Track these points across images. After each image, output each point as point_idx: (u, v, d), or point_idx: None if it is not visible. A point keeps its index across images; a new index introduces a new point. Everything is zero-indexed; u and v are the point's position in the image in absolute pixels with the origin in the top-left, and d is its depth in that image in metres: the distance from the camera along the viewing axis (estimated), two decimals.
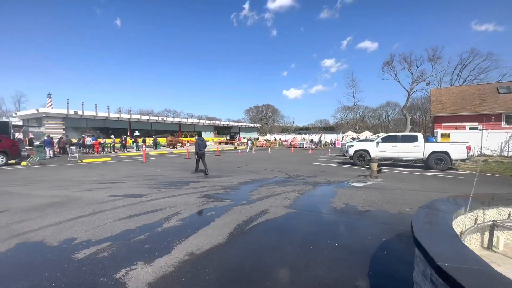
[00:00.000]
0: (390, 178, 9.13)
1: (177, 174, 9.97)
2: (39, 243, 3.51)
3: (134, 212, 4.85)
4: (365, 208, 5.13)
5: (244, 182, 8.23)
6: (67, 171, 11.03)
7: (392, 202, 5.62)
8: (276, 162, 15.07)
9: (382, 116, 77.77)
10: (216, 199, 5.88)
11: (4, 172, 10.69)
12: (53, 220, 4.42)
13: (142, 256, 3.14)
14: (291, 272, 2.84)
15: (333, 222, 4.34)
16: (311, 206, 5.33)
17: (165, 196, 6.14)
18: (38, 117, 26.22)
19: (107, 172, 10.71)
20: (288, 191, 6.72)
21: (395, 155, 11.92)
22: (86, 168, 11.96)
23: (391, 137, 12.39)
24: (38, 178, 9.05)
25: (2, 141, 12.97)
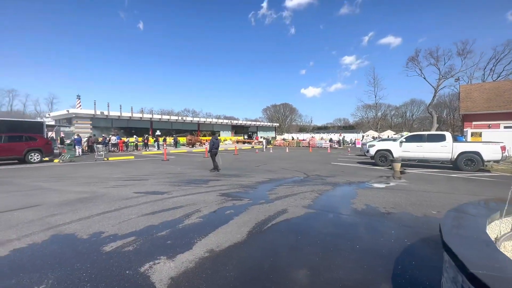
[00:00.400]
0: (415, 179, 8.72)
1: (196, 173, 10.19)
2: (70, 236, 3.75)
3: (156, 208, 5.03)
4: (387, 210, 4.95)
5: (262, 181, 8.25)
6: (94, 168, 11.66)
7: (417, 204, 5.37)
8: (294, 162, 14.93)
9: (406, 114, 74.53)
10: (234, 197, 5.94)
11: (39, 168, 11.52)
12: (82, 214, 4.70)
13: (164, 251, 3.26)
14: (311, 273, 2.80)
15: (354, 224, 4.23)
16: (330, 207, 5.23)
17: (185, 193, 6.30)
18: (69, 117, 27.98)
19: (130, 169, 11.18)
20: (307, 191, 6.64)
21: (420, 155, 11.37)
22: (112, 166, 12.58)
23: (416, 136, 11.82)
24: (68, 174, 9.66)
25: (37, 140, 13.99)
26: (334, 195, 6.33)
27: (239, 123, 49.58)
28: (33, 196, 6.12)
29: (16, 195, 6.20)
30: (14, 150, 13.07)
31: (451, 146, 10.74)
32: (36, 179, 8.50)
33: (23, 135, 13.77)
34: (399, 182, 8.20)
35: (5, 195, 6.15)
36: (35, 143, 13.80)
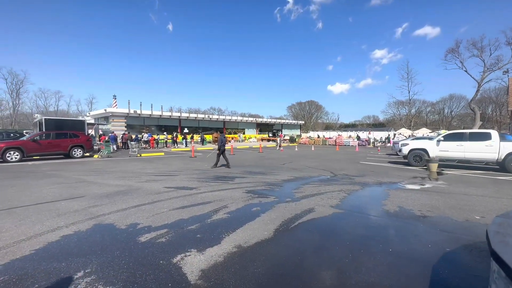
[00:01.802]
0: (454, 180, 8.09)
1: (223, 169, 10.43)
2: (110, 226, 4.06)
3: (186, 203, 5.24)
4: (423, 213, 4.65)
5: (287, 179, 8.22)
6: (129, 163, 12.45)
7: (457, 208, 4.97)
8: (320, 160, 14.62)
9: (444, 111, 69.16)
10: (260, 195, 5.99)
11: (81, 163, 12.59)
12: (120, 206, 5.06)
13: (194, 244, 3.39)
14: (340, 274, 2.74)
15: (386, 226, 4.04)
16: (360, 208, 5.05)
17: (213, 190, 6.49)
18: (106, 116, 30.16)
19: (161, 165, 11.76)
20: (334, 191, 6.49)
21: (461, 156, 10.49)
22: (144, 162, 13.33)
23: (456, 135, 10.92)
24: (106, 169, 10.43)
25: (80, 137, 15.30)
26: (364, 196, 6.10)
27: (264, 121, 49.67)
28: (77, 188, 6.71)
29: (63, 187, 6.85)
30: (60, 146, 14.45)
31: (497, 145, 9.76)
32: (79, 173, 9.31)
33: (68, 132, 15.15)
34: (435, 183, 7.66)
35: (53, 187, 6.82)
36: (78, 140, 15.11)
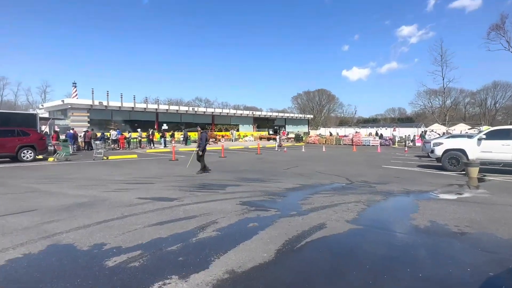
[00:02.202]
0: (499, 189, 8.17)
1: (211, 175, 10.44)
2: (69, 247, 4.04)
3: (165, 218, 5.23)
4: (460, 229, 4.69)
5: (292, 187, 8.26)
6: (93, 168, 12.39)
7: (502, 223, 5.03)
8: (333, 164, 14.69)
9: (486, 102, 69.78)
10: (258, 207, 6.01)
11: (33, 168, 12.50)
12: (82, 222, 5.03)
13: (176, 269, 3.39)
14: None
15: (415, 245, 4.07)
16: (382, 222, 5.08)
17: (199, 201, 6.50)
18: (64, 108, 29.98)
19: (134, 171, 11.73)
20: (351, 202, 6.53)
21: (508, 158, 10.61)
22: (112, 166, 13.28)
23: (502, 132, 11.05)
24: (64, 175, 10.36)
25: (30, 135, 15.15)
26: (387, 208, 6.13)
27: (263, 114, 49.87)
28: (27, 199, 6.66)
29: (10, 199, 6.79)
30: (5, 147, 14.27)
31: None
32: (29, 180, 9.24)
33: (15, 129, 14.96)
34: (476, 192, 7.74)
35: None
36: (28, 139, 14.95)
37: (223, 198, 6.81)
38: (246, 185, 8.50)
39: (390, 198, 7.00)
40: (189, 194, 7.17)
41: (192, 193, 7.36)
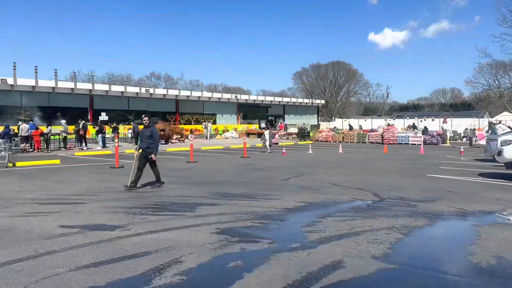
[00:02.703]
0: None
1: (175, 190, 10.35)
2: None
3: (103, 256, 5.13)
4: None
5: (294, 207, 8.24)
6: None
7: None
8: (354, 171, 14.78)
9: None
10: (244, 237, 5.96)
11: None
12: None
13: None
14: None
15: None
16: (426, 260, 5.11)
17: (155, 229, 6.39)
18: None
19: (55, 184, 11.51)
20: (380, 228, 6.54)
21: None
22: (22, 177, 13.01)
23: None
24: None
25: None
26: (434, 237, 6.17)
27: (251, 99, 49.81)
28: None
29: None
30: None
31: None
32: None
33: None
34: None
35: None
36: None
37: (192, 224, 6.72)
38: (226, 205, 8.41)
39: (438, 223, 7.03)
40: (140, 219, 7.05)
41: (144, 217, 7.24)
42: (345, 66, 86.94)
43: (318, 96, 79.38)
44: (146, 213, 7.60)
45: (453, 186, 11.29)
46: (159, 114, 39.26)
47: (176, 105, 41.16)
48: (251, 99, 49.85)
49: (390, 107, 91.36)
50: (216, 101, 44.88)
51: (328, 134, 39.77)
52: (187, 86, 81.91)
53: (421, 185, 11.55)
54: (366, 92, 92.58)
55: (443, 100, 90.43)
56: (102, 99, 35.54)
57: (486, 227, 6.78)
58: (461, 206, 8.47)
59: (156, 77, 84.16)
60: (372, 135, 36.89)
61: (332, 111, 77.49)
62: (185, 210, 7.87)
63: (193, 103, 42.87)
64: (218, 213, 7.63)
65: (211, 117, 44.17)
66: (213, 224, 6.72)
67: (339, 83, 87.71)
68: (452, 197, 9.55)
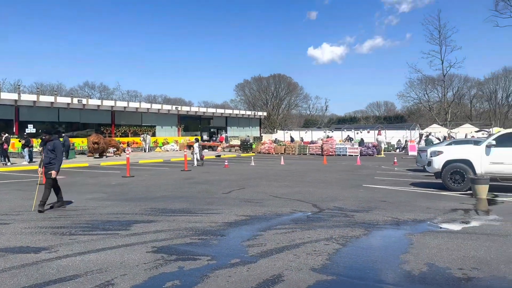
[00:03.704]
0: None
1: (108, 207, 10.03)
2: None
3: (26, 282, 4.81)
4: (466, 273, 5.07)
5: (235, 221, 8.25)
6: None
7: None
8: (295, 183, 15.05)
9: (496, 95, 78.10)
10: (182, 254, 5.85)
11: None
12: None
13: None
14: None
15: None
16: (362, 270, 5.27)
17: (85, 250, 6.13)
18: None
19: None
20: (319, 239, 6.68)
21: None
22: None
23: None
24: None
25: None
26: (370, 247, 6.38)
27: (193, 111, 49.48)
28: None
29: None
30: None
31: None
32: None
33: None
34: (486, 219, 8.46)
35: None
36: None
37: (126, 243, 6.51)
38: (165, 221, 8.26)
39: (374, 233, 7.30)
40: (68, 240, 6.73)
41: (73, 237, 6.93)
42: (286, 79, 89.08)
43: (260, 108, 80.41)
44: (75, 233, 7.26)
45: (388, 196, 11.81)
46: (93, 126, 37.82)
47: (111, 117, 39.83)
48: (192, 111, 49.45)
49: (329, 120, 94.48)
50: (156, 112, 43.99)
51: (270, 146, 40.34)
52: (124, 97, 79.94)
53: (358, 195, 11.97)
54: (306, 104, 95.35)
55: (378, 113, 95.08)
56: (29, 110, 33.56)
57: (418, 235, 7.14)
58: (395, 215, 8.87)
59: (90, 87, 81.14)
60: (312, 147, 37.88)
61: (274, 123, 78.78)
62: (119, 229, 7.61)
63: (131, 115, 41.73)
64: (155, 230, 7.46)
65: (150, 129, 43.21)
66: (149, 243, 6.55)
67: (281, 95, 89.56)
68: (386, 207, 9.98)
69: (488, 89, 78.55)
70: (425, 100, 77.20)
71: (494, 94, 77.88)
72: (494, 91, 77.92)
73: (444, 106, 67.22)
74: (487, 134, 36.29)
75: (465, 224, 8.07)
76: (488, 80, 78.11)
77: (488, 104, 79.56)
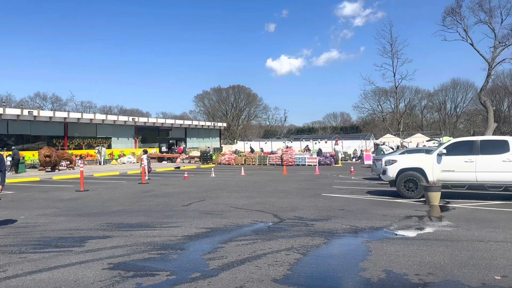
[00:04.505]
0: (464, 219, 9.46)
1: (61, 223, 9.68)
2: None
3: None
4: (422, 279, 5.21)
5: (195, 234, 8.14)
6: None
7: (470, 265, 5.78)
8: (256, 194, 15.06)
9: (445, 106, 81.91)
10: (140, 270, 5.70)
11: None
12: None
13: None
14: None
15: None
16: (323, 278, 5.32)
17: (36, 269, 5.86)
18: None
19: None
20: (280, 250, 6.70)
21: (472, 178, 12.43)
22: None
23: (463, 145, 12.95)
24: None
25: None
26: (330, 255, 6.46)
27: (150, 122, 48.69)
28: None
29: None
30: None
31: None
32: None
33: None
34: (438, 225, 8.80)
35: None
36: None
37: (81, 260, 6.26)
38: (121, 236, 8.03)
39: (334, 241, 7.41)
40: (18, 259, 6.40)
41: (24, 256, 6.60)
42: (245, 90, 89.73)
43: (220, 119, 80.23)
44: (26, 251, 6.91)
45: (346, 205, 12.03)
46: (45, 138, 36.49)
47: (64, 129, 38.49)
48: (150, 122, 48.64)
49: (288, 130, 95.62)
50: (111, 123, 42.92)
51: (231, 157, 40.23)
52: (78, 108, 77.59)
53: (318, 204, 12.13)
54: (265, 115, 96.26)
55: (335, 123, 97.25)
56: None
57: (375, 242, 7.30)
58: (353, 224, 9.04)
59: (41, 98, 78.15)
60: (272, 157, 38.12)
61: (234, 134, 78.73)
62: (73, 245, 7.30)
63: (85, 126, 40.50)
64: (111, 246, 7.21)
65: (105, 141, 42.08)
66: (105, 259, 6.32)
67: (240, 106, 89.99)
68: (345, 215, 10.16)
69: (438, 100, 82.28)
70: (378, 111, 79.90)
71: (443, 104, 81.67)
72: (443, 102, 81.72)
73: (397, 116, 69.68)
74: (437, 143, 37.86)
75: (419, 230, 8.34)
76: (437, 91, 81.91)
77: (438, 114, 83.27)
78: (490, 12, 43.00)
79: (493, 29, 43.28)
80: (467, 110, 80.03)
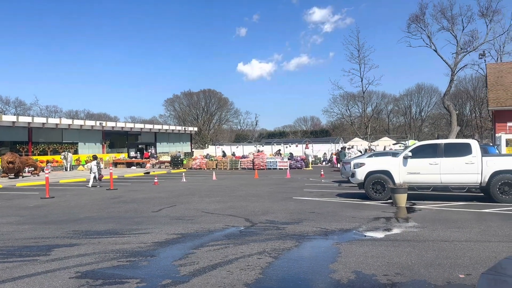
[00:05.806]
0: (429, 220, 9.75)
1: (25, 232, 9.36)
2: None
3: None
4: (390, 279, 5.32)
5: (166, 240, 8.05)
6: None
7: (435, 265, 5.95)
8: (227, 198, 15.01)
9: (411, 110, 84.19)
10: (108, 278, 5.58)
11: None
12: None
13: None
14: None
15: None
16: (294, 281, 5.36)
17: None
18: None
19: None
20: (252, 254, 6.71)
21: (436, 180, 12.81)
22: None
23: (428, 148, 13.36)
24: None
25: None
26: (301, 258, 6.52)
27: (118, 126, 47.71)
28: None
29: None
30: None
31: (479, 162, 12.45)
32: None
33: None
34: (405, 226, 9.03)
35: None
36: None
37: (47, 269, 6.07)
38: (89, 244, 7.85)
39: (304, 244, 7.49)
40: None
41: None
42: (216, 95, 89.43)
43: (191, 123, 79.57)
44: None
45: (316, 207, 12.17)
46: (8, 144, 35.09)
47: (28, 134, 37.18)
48: (118, 126, 47.64)
49: (259, 134, 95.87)
50: (78, 128, 41.77)
51: (202, 161, 39.90)
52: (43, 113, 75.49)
53: (289, 208, 12.20)
54: (237, 120, 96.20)
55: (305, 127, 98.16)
56: None
57: (345, 244, 7.42)
58: (323, 226, 9.16)
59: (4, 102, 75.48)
60: (244, 161, 38.07)
61: (205, 138, 78.20)
62: (38, 254, 7.06)
63: (50, 131, 39.26)
64: (78, 254, 7.03)
65: (72, 146, 40.88)
66: (72, 268, 6.15)
67: (211, 110, 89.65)
68: (315, 218, 10.28)
69: (403, 104, 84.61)
70: (347, 115, 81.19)
71: (408, 109, 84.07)
72: (408, 106, 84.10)
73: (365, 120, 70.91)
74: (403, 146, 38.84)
75: (387, 231, 8.52)
76: (403, 96, 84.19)
77: (404, 118, 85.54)
78: (452, 20, 44.67)
79: (455, 36, 44.93)
80: (432, 114, 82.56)
